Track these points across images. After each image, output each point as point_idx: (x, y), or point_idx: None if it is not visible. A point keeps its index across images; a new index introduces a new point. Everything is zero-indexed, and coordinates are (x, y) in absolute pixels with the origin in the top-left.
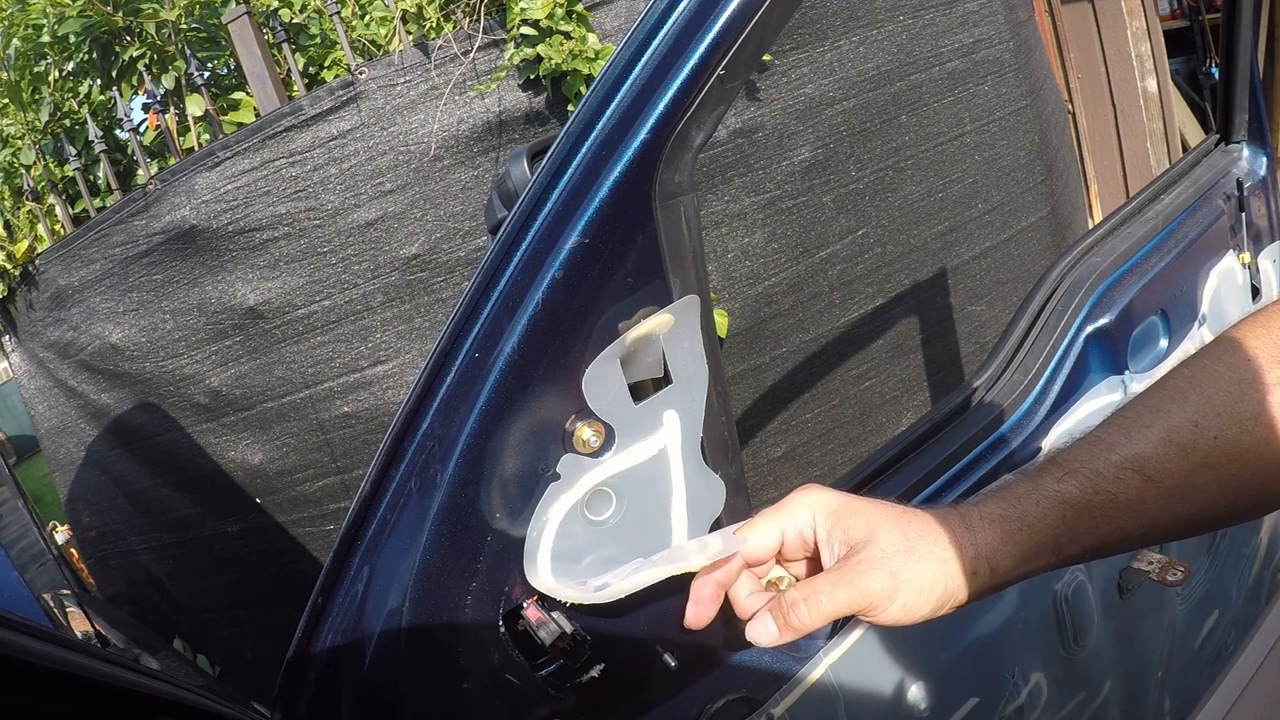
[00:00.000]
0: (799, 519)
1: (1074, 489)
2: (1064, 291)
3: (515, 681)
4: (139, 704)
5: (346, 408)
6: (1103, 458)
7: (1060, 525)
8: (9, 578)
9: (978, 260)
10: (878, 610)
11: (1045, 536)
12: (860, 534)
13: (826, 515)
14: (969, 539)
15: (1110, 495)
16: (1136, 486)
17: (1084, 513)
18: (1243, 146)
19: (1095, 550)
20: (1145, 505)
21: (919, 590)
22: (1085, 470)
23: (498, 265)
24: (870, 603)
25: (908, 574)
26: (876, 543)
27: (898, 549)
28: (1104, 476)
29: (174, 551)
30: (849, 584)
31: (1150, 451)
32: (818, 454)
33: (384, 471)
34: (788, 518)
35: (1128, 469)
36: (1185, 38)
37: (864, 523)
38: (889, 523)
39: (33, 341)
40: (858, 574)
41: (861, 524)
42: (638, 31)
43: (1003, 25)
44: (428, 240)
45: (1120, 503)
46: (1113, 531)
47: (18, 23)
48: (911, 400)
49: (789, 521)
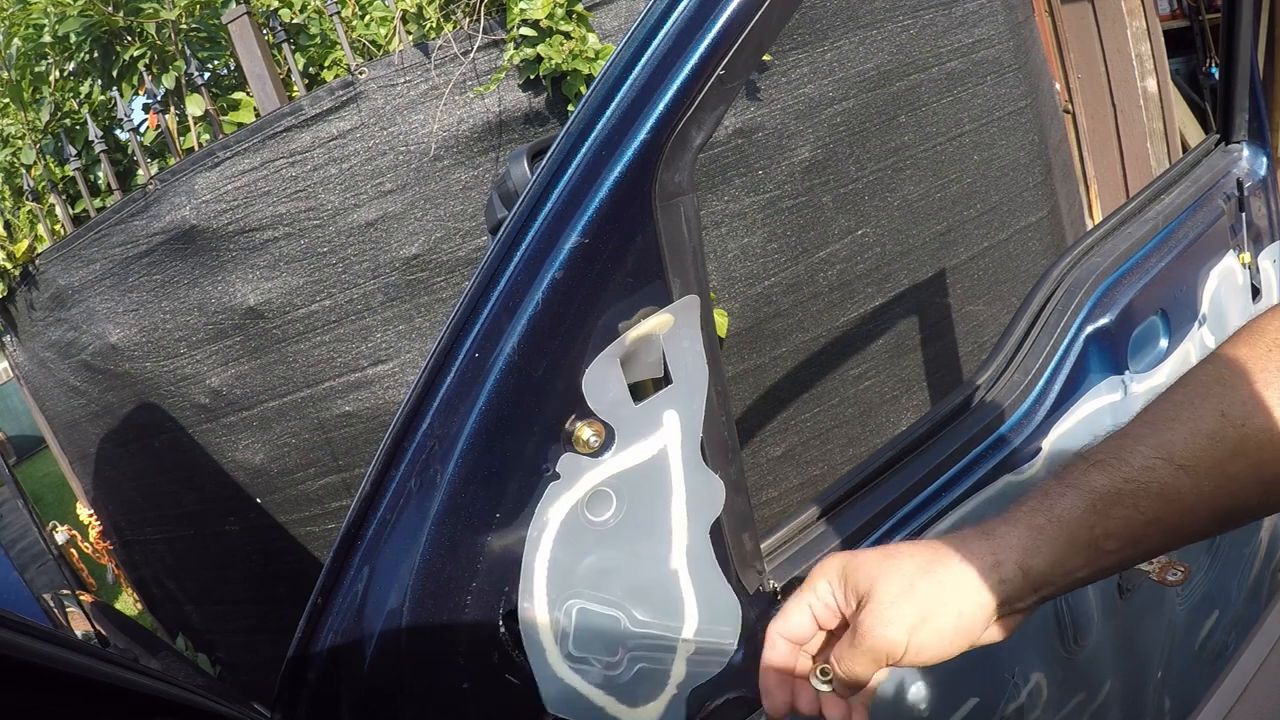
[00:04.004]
0: (820, 592)
1: (1102, 479)
2: (1064, 291)
3: (515, 681)
4: (139, 704)
5: (347, 407)
6: (1130, 448)
7: (1092, 515)
8: (9, 578)
9: (977, 260)
10: (898, 658)
11: (1078, 531)
12: (863, 589)
13: (838, 580)
14: (986, 548)
15: (1141, 484)
16: (1169, 475)
17: (1115, 502)
18: (1243, 146)
19: (1134, 544)
20: (1180, 495)
21: (934, 624)
22: (1112, 460)
23: (498, 265)
24: (886, 649)
25: (916, 611)
26: (875, 595)
27: (897, 593)
28: (1132, 466)
29: (182, 545)
30: (860, 647)
31: (1179, 440)
32: (817, 454)
33: (384, 471)
34: (811, 595)
35: (1157, 459)
36: (1185, 38)
37: (864, 577)
38: (887, 568)
39: (33, 341)
40: (864, 634)
41: (862, 578)
42: (638, 31)
43: (1002, 25)
44: (428, 240)
45: (1153, 492)
46: (1150, 523)
47: (18, 22)
48: (911, 400)
49: (813, 598)
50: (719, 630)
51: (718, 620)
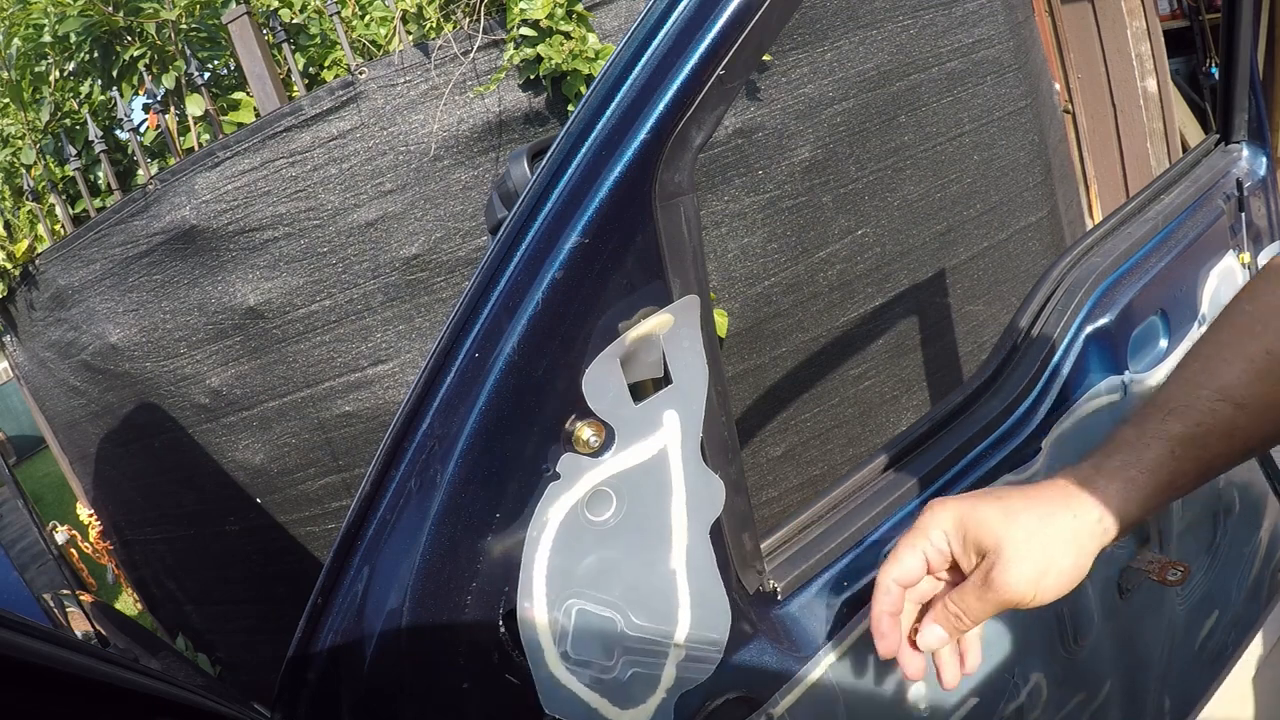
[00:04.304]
0: (934, 539)
1: (1179, 426)
2: (1064, 291)
3: (515, 681)
4: (139, 704)
5: (347, 407)
6: (1195, 393)
7: (1172, 461)
8: (9, 578)
9: (977, 260)
10: (1024, 603)
11: (1162, 476)
12: (989, 542)
13: (955, 530)
14: (1092, 502)
15: (1209, 426)
16: (1229, 415)
17: (1190, 445)
18: (1243, 146)
19: (1201, 478)
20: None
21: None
22: (1183, 407)
23: (498, 265)
24: (1014, 600)
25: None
26: (1003, 550)
27: (1023, 547)
28: (1200, 410)
29: (182, 545)
30: (993, 590)
31: (1235, 381)
32: (817, 453)
33: (384, 471)
34: (925, 542)
35: (1218, 400)
36: (1185, 38)
37: (989, 533)
38: (1009, 524)
39: (33, 341)
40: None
41: (986, 534)
42: (638, 31)
43: (1002, 25)
44: (428, 240)
45: (1218, 431)
46: (1215, 458)
47: (18, 22)
48: (911, 400)
49: (927, 544)
50: (708, 636)
51: (708, 626)
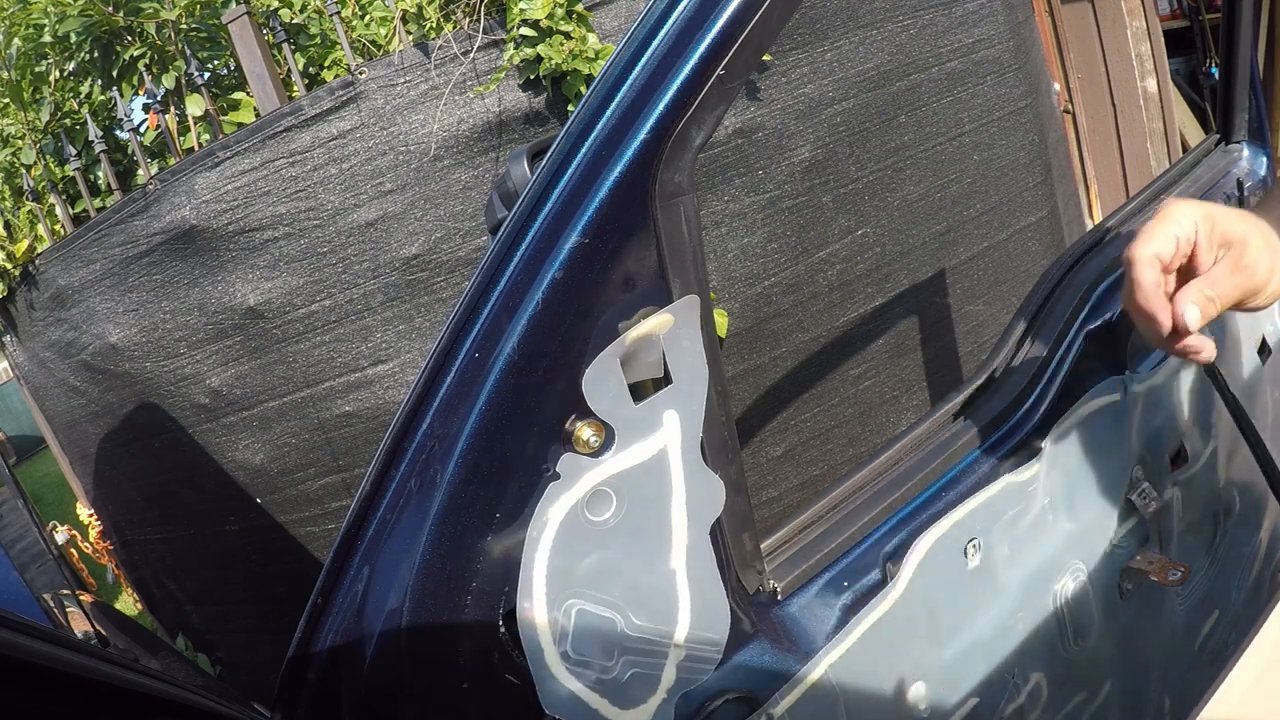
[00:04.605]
0: (1185, 227)
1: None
2: (1064, 291)
3: (515, 681)
4: (139, 704)
5: (347, 407)
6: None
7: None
8: (9, 578)
9: (977, 260)
10: (1260, 296)
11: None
12: (1237, 235)
13: (1204, 220)
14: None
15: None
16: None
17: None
18: (1243, 146)
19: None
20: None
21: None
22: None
23: (498, 265)
24: (1256, 288)
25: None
26: (1250, 244)
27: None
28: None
29: (182, 545)
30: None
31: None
32: (817, 453)
33: (384, 471)
34: (1178, 227)
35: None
36: (1185, 38)
37: (1236, 229)
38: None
39: (33, 341)
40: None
41: (1234, 229)
42: (638, 31)
43: (1002, 25)
44: (428, 240)
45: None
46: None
47: (19, 22)
48: (911, 400)
49: (1179, 230)
50: (708, 636)
51: (708, 626)
